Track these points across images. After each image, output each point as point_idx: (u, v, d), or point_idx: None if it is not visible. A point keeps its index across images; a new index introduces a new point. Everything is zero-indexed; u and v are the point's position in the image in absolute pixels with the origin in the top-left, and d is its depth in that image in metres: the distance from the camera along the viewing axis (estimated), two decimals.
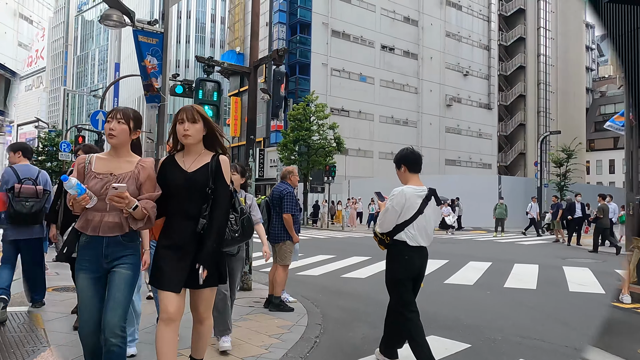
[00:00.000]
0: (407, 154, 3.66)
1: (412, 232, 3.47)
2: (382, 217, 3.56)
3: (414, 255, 3.50)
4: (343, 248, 13.91)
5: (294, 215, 5.67)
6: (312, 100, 29.06)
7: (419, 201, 3.50)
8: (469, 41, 52.91)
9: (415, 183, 3.61)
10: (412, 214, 3.47)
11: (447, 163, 49.72)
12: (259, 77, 40.15)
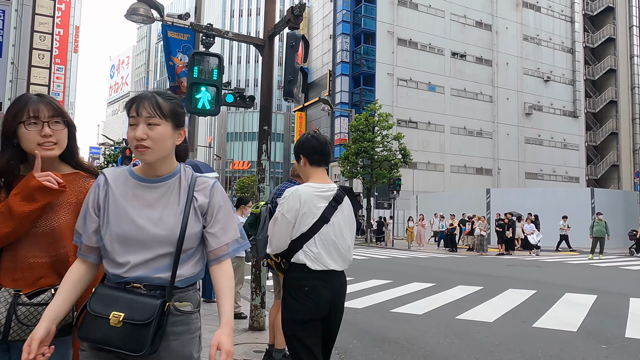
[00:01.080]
0: (306, 141, 2.55)
1: (314, 250, 2.39)
2: (271, 231, 2.49)
3: (318, 285, 2.39)
4: (404, 271, 11.85)
5: None
6: (375, 109, 27.24)
7: (322, 204, 2.42)
8: (549, 44, 48.72)
9: (319, 180, 2.51)
10: (311, 224, 2.39)
11: (527, 177, 45.54)
12: (322, 90, 38.65)
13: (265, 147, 5.26)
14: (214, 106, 5.08)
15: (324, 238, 2.38)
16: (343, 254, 2.44)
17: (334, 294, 2.41)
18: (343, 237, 2.44)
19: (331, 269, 2.39)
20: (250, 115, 75.10)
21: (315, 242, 2.36)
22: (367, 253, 17.76)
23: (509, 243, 19.30)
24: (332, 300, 2.40)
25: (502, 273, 11.57)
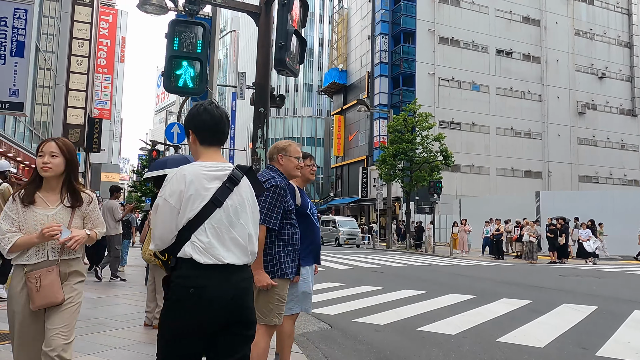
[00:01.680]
0: (196, 114, 2.07)
1: (204, 239, 1.94)
2: (153, 222, 2.04)
3: (207, 284, 1.90)
4: (441, 280, 10.70)
5: (282, 231, 3.07)
6: (414, 109, 26.01)
7: (212, 185, 1.98)
8: (604, 39, 45.72)
9: (209, 159, 2.07)
10: (199, 208, 1.94)
11: (581, 180, 42.69)
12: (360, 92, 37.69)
13: (261, 132, 4.42)
14: (197, 84, 4.28)
15: (217, 225, 1.98)
16: (242, 244, 2.03)
17: (234, 295, 1.97)
18: (241, 223, 2.03)
19: (227, 263, 1.96)
20: (291, 120, 75.05)
21: (206, 230, 1.96)
22: (404, 260, 16.61)
23: (562, 250, 17.63)
24: (231, 305, 1.95)
25: (554, 284, 10.22)
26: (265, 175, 3.07)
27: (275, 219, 2.96)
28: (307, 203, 3.62)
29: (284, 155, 3.19)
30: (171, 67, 4.27)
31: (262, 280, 2.94)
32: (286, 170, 3.17)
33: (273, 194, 2.97)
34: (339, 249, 23.35)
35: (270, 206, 2.95)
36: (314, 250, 3.63)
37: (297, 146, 3.24)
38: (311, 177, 3.70)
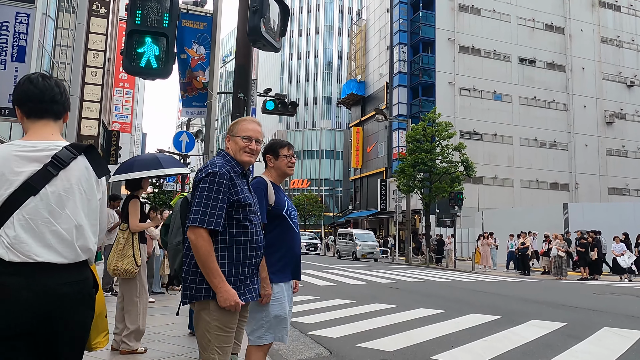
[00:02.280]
0: (17, 86, 1.76)
1: (10, 233, 1.63)
2: None
3: (13, 284, 1.59)
4: (462, 298, 9.76)
5: (228, 235, 2.31)
6: (433, 118, 25.13)
7: (25, 169, 1.66)
8: (632, 46, 44.13)
9: (35, 137, 1.74)
10: (5, 196, 1.63)
11: (610, 192, 40.87)
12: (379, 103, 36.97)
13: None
14: (162, 64, 3.60)
15: (30, 216, 1.64)
16: (68, 239, 1.67)
17: (48, 300, 1.60)
18: (66, 214, 1.68)
19: (41, 261, 1.61)
20: (310, 133, 74.73)
21: (14, 222, 1.62)
22: (422, 275, 15.64)
23: (594, 266, 16.41)
24: (43, 310, 1.59)
25: (589, 304, 9.18)
26: (214, 163, 2.35)
27: (218, 218, 2.21)
28: (283, 202, 2.87)
29: (230, 136, 2.47)
30: (132, 44, 3.60)
31: (225, 298, 2.18)
32: (234, 154, 2.44)
33: (210, 184, 2.22)
34: (356, 263, 22.45)
35: (205, 200, 2.20)
36: (292, 262, 2.88)
37: (251, 122, 2.50)
38: (289, 170, 2.96)
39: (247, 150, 2.45)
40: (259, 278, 2.50)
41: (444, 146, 24.66)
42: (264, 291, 2.66)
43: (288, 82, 78.06)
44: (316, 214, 54.27)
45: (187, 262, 2.25)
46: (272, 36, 3.24)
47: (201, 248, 2.15)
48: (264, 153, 3.01)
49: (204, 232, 2.17)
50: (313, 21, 77.90)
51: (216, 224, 2.19)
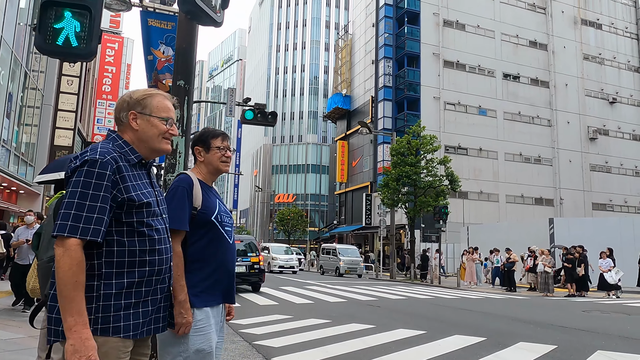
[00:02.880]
0: None
1: None
2: None
3: None
4: (445, 317, 9.19)
5: (115, 246, 1.68)
6: (418, 131, 24.81)
7: None
8: (613, 63, 44.73)
9: None
10: None
11: (594, 207, 40.94)
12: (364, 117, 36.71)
13: (179, 113, 3.14)
14: (83, 43, 3.03)
15: None
16: None
17: None
18: None
19: None
20: (296, 147, 74.25)
21: None
22: (405, 292, 15.05)
23: (581, 282, 16.00)
24: None
25: (579, 323, 8.67)
26: (86, 150, 1.74)
27: (96, 223, 1.58)
28: (213, 206, 2.29)
29: (138, 114, 1.85)
30: (47, 18, 3.02)
31: (75, 349, 1.48)
32: (142, 139, 1.84)
33: (86, 177, 1.60)
34: (339, 279, 21.78)
35: (78, 200, 1.57)
36: (223, 281, 2.28)
37: (168, 99, 1.92)
38: (223, 166, 2.38)
39: (168, 137, 1.87)
40: (167, 303, 1.90)
41: (429, 160, 24.32)
42: (181, 318, 2.07)
43: (274, 96, 77.78)
44: (301, 229, 53.53)
45: (53, 283, 1.64)
46: (210, 7, 2.70)
47: (63, 267, 1.54)
48: (192, 145, 2.43)
49: (74, 245, 1.56)
50: (300, 36, 78.03)
51: (94, 232, 1.57)
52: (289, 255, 27.35)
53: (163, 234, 1.80)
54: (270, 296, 12.31)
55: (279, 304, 10.59)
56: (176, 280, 2.10)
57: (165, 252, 1.79)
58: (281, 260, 26.10)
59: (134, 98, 1.81)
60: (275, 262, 25.79)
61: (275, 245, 29.13)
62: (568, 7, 43.56)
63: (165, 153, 1.87)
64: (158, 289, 1.77)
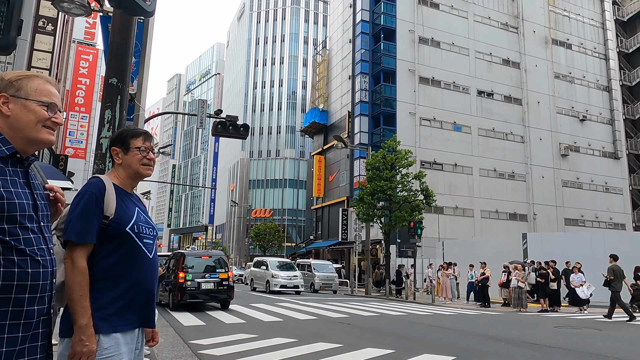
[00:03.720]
0: None
1: None
2: None
3: None
4: (417, 335, 8.93)
5: None
6: (393, 146, 24.81)
7: None
8: (583, 82, 45.94)
9: None
10: None
11: (567, 223, 41.57)
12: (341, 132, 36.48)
13: (110, 114, 2.83)
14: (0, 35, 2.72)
15: None
16: None
17: None
18: None
19: None
20: (273, 162, 73.88)
21: None
22: (379, 308, 14.77)
23: (554, 297, 16.00)
24: None
25: (550, 340, 8.51)
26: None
27: None
28: (129, 215, 1.99)
29: (13, 97, 1.55)
30: None
31: None
32: (15, 128, 1.54)
33: None
34: (313, 296, 21.37)
35: None
36: (139, 302, 1.97)
37: (50, 83, 1.62)
38: (144, 169, 2.09)
39: (50, 125, 1.58)
40: (46, 330, 1.58)
41: (404, 174, 24.29)
42: (81, 346, 1.75)
43: (252, 110, 77.54)
44: (277, 244, 52.94)
45: None
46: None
47: None
48: (109, 145, 2.14)
49: None
50: (278, 51, 78.27)
51: None
52: (292, 272, 22.90)
53: (44, 244, 1.50)
54: (239, 314, 11.87)
55: (247, 322, 10.19)
56: (77, 301, 1.79)
57: (44, 265, 1.48)
58: (283, 279, 21.84)
59: (5, 79, 1.52)
60: (275, 281, 21.75)
61: (275, 260, 24.33)
62: (539, 27, 44.72)
63: (48, 145, 1.57)
64: (35, 311, 1.45)
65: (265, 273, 22.92)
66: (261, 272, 23.72)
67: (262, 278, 23.32)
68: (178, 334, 8.28)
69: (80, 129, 48.09)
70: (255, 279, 24.46)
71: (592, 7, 48.23)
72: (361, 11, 40.21)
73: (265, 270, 23.02)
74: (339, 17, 46.14)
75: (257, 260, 25.67)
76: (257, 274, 24.42)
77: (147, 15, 2.56)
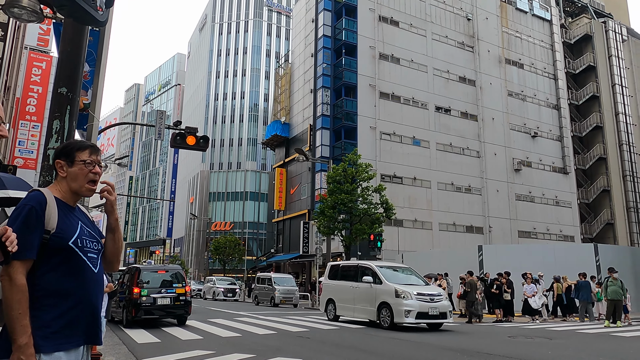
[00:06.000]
0: None
1: None
2: None
3: None
4: (376, 348, 8.97)
5: None
6: (354, 159, 25.09)
7: None
8: (534, 100, 48.08)
9: None
10: None
11: (520, 235, 43.07)
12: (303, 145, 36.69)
13: (58, 124, 2.74)
14: None
15: None
16: None
17: None
18: None
19: None
20: (234, 174, 73.12)
21: None
22: (339, 322, 14.75)
23: (508, 308, 16.48)
24: None
25: (504, 350, 8.75)
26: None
27: None
28: (72, 229, 1.92)
29: None
30: None
31: None
32: None
33: None
34: (273, 310, 21.14)
35: None
36: (83, 319, 1.90)
37: None
38: (86, 190, 2.03)
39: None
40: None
41: (364, 188, 24.56)
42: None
43: (213, 122, 76.67)
44: (237, 258, 52.20)
45: None
46: (89, 4, 2.37)
47: None
48: (54, 157, 2.07)
49: None
50: (240, 63, 78.02)
51: None
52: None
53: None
54: (196, 330, 11.59)
55: (204, 338, 9.95)
56: (16, 319, 1.71)
57: None
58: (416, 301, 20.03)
59: None
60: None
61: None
62: (493, 47, 46.59)
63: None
64: None
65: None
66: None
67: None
68: (131, 351, 7.99)
69: (31, 138, 46.13)
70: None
71: (541, 29, 50.73)
72: (323, 26, 40.77)
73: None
74: (301, 31, 46.58)
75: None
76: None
77: (99, 25, 2.50)
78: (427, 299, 12.03)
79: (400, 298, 11.95)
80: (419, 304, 11.85)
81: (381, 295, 12.43)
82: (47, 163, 2.71)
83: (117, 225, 2.14)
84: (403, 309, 11.73)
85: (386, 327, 12.12)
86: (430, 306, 11.93)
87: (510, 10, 49.07)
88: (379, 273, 12.95)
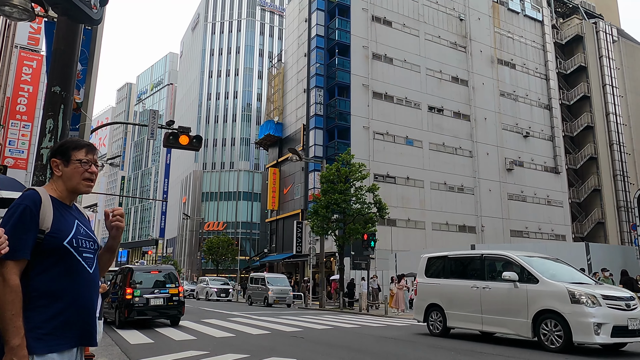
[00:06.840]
0: None
1: None
2: None
3: None
4: (368, 348, 8.98)
5: None
6: (347, 159, 25.10)
7: None
8: (526, 100, 48.37)
9: None
10: None
11: (512, 234, 43.31)
12: (296, 145, 36.67)
13: (52, 123, 2.72)
14: None
15: None
16: None
17: None
18: None
19: None
20: (227, 174, 72.97)
21: None
22: (332, 321, 14.77)
23: None
24: None
25: (498, 350, 8.79)
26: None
27: None
28: (67, 228, 1.90)
29: None
30: None
31: None
32: None
33: None
34: (267, 310, 21.12)
35: None
36: (77, 321, 1.88)
37: None
38: (84, 185, 2.01)
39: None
40: None
41: (358, 187, 24.58)
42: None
43: (206, 121, 76.42)
44: (230, 258, 52.06)
45: None
46: (84, 3, 2.35)
47: None
48: (50, 156, 2.05)
49: None
50: (233, 63, 77.82)
51: None
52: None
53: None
54: (190, 330, 11.55)
55: (197, 339, 9.92)
56: (9, 320, 1.69)
57: None
58: None
59: None
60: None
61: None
62: (486, 47, 46.82)
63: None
64: None
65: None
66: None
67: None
68: (124, 352, 7.95)
69: (21, 138, 45.74)
70: None
71: (533, 30, 51.05)
72: (316, 26, 40.76)
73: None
74: (294, 31, 46.54)
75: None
76: None
77: (94, 23, 2.48)
78: (621, 305, 7.86)
79: (582, 304, 7.74)
80: (613, 314, 7.69)
81: (540, 299, 8.34)
82: (41, 163, 2.68)
83: (117, 247, 2.18)
84: (590, 322, 7.54)
85: (554, 348, 7.93)
86: (628, 316, 7.75)
87: (502, 10, 49.34)
88: (530, 267, 8.85)
